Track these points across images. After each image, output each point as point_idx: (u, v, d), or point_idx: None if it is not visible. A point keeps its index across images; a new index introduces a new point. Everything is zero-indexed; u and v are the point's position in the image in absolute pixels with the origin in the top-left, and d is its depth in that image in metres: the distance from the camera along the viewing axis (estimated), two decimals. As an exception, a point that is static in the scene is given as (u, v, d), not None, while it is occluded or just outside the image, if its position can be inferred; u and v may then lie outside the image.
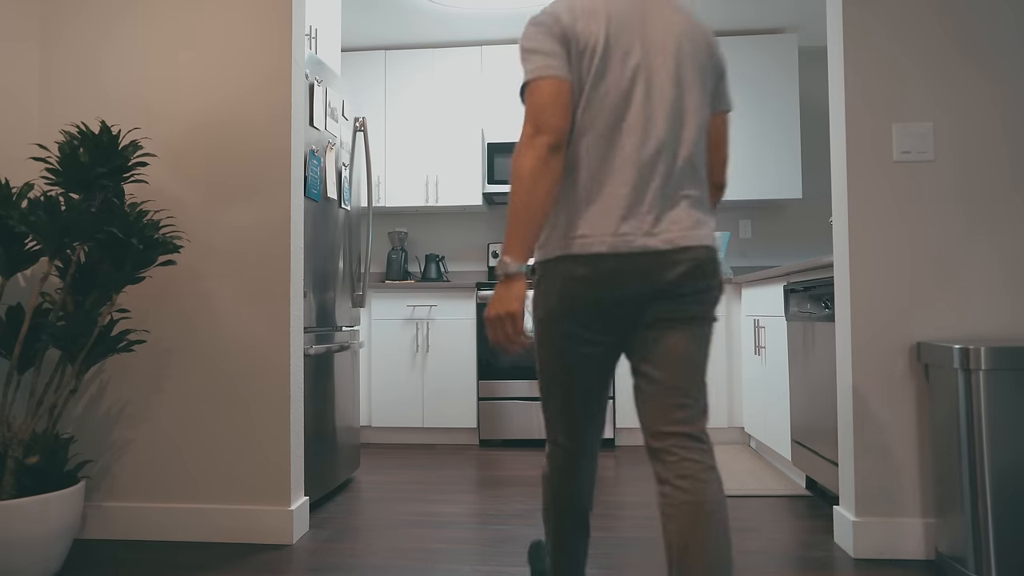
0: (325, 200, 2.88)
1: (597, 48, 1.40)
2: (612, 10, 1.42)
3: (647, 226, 1.39)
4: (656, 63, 1.42)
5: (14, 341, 2.11)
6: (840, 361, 2.32)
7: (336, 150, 3.00)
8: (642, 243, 1.38)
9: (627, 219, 1.39)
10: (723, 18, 4.40)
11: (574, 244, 1.40)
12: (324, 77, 2.85)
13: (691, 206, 1.44)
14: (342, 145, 3.08)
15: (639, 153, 1.40)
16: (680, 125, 1.43)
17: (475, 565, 2.15)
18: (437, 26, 4.45)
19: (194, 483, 2.41)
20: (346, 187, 3.14)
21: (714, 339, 4.02)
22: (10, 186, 2.08)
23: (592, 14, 1.41)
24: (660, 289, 1.39)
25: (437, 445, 4.19)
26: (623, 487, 3.11)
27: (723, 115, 1.59)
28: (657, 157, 1.40)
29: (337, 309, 3.04)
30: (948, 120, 2.24)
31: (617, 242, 1.38)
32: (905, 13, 2.26)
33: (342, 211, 3.10)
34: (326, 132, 2.87)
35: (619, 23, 1.42)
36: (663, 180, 1.41)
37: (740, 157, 4.46)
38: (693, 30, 1.48)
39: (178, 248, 2.24)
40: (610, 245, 1.38)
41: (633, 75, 1.40)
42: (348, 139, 3.18)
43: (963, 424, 1.92)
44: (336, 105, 2.99)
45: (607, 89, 1.40)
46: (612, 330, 1.44)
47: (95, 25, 2.51)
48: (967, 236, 2.21)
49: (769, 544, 2.33)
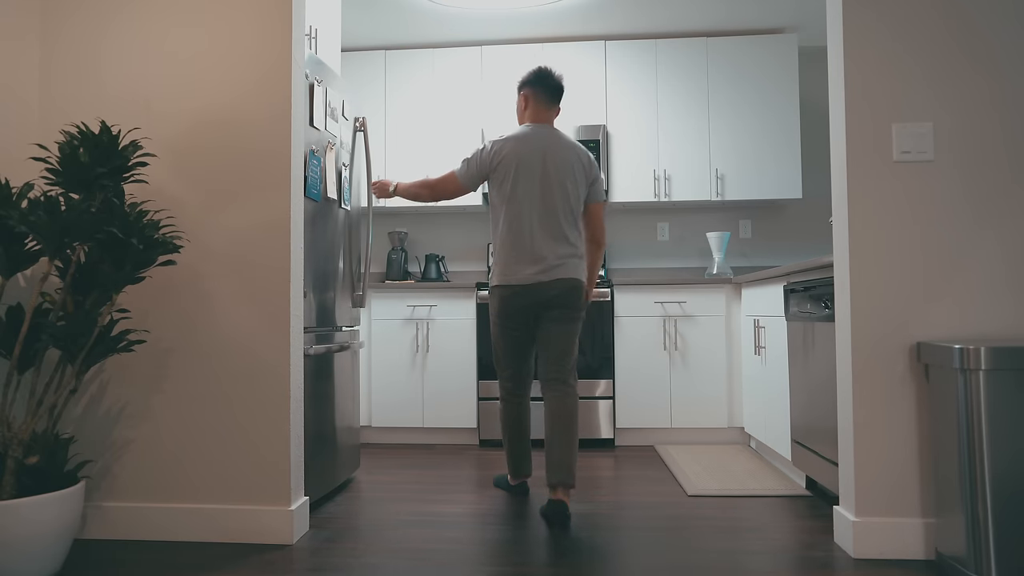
0: (325, 200, 2.88)
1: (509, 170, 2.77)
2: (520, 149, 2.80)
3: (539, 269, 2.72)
4: (538, 179, 2.74)
5: (14, 341, 2.11)
6: (840, 361, 2.32)
7: (336, 150, 3.00)
8: (536, 279, 2.72)
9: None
10: (723, 18, 4.40)
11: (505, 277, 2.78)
12: (324, 77, 2.85)
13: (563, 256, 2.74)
14: (342, 145, 3.08)
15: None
16: (552, 211, 2.74)
17: (475, 565, 2.15)
18: (437, 26, 4.45)
19: (194, 483, 2.41)
20: (346, 187, 3.14)
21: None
22: (10, 186, 2.08)
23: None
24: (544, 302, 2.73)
25: (437, 445, 4.19)
26: (623, 487, 3.11)
27: (597, 205, 2.86)
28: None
29: (337, 309, 3.04)
30: (948, 120, 2.24)
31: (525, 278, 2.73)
32: (905, 13, 2.26)
33: (342, 211, 3.10)
34: (326, 132, 2.87)
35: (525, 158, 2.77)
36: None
37: (740, 157, 4.47)
38: (573, 157, 2.79)
39: (178, 248, 2.24)
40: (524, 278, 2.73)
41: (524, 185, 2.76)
42: (348, 139, 3.18)
43: (963, 424, 1.92)
44: (336, 105, 2.99)
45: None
46: (524, 323, 2.80)
47: (95, 21, 2.51)
48: (967, 236, 2.21)
49: (769, 544, 2.33)
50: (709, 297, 4.09)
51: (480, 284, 4.14)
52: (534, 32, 4.54)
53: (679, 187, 4.48)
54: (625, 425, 4.08)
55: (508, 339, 2.81)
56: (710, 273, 4.49)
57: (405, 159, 4.61)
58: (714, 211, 4.82)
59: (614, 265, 4.85)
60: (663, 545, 2.32)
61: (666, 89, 4.53)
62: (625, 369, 4.09)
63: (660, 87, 4.53)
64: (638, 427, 4.10)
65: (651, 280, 4.09)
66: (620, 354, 4.10)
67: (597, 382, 4.08)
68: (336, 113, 2.99)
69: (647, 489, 3.07)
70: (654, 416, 4.08)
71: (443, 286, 4.18)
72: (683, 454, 3.75)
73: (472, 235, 4.92)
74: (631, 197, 4.49)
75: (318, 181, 2.77)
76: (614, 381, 4.08)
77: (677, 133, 4.50)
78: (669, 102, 4.52)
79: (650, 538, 2.39)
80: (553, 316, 2.72)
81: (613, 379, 4.08)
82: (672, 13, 4.32)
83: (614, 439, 4.11)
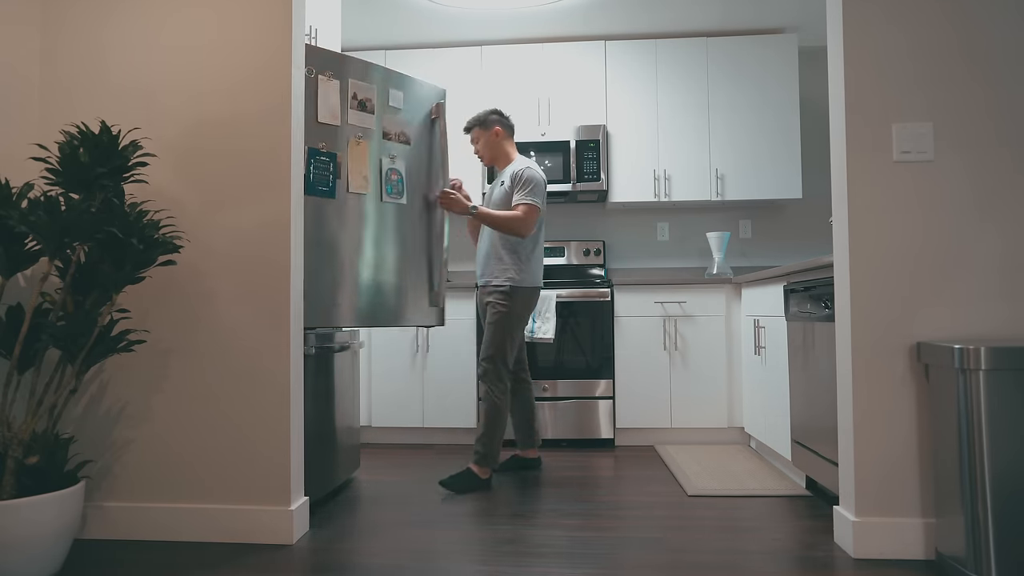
0: (346, 195, 2.84)
1: None
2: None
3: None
4: None
5: (14, 341, 2.11)
6: (840, 361, 2.32)
7: (373, 142, 2.94)
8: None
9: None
10: (723, 18, 4.40)
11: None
12: (345, 70, 2.82)
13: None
14: (391, 135, 3.04)
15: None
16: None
17: (475, 565, 2.15)
18: (437, 26, 4.45)
19: (194, 483, 2.41)
20: (397, 180, 3.09)
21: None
22: (10, 186, 2.08)
23: None
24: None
25: (437, 445, 4.19)
26: (623, 487, 3.11)
27: None
28: None
29: (339, 308, 3.03)
30: (948, 120, 2.24)
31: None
32: (905, 13, 2.26)
33: (391, 204, 3.02)
34: (346, 126, 2.83)
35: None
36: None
37: (740, 157, 4.47)
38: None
39: (178, 248, 2.24)
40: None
41: None
42: (408, 128, 3.14)
43: (963, 424, 1.92)
44: (368, 96, 2.93)
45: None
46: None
47: (96, 12, 2.51)
48: (967, 236, 2.21)
49: (769, 544, 2.33)
50: (709, 297, 4.09)
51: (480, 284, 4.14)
52: (534, 32, 4.54)
53: (679, 187, 4.48)
54: (625, 425, 4.07)
55: (519, 333, 3.26)
56: (710, 273, 4.49)
57: (405, 159, 4.61)
58: (714, 211, 4.82)
59: (614, 265, 4.85)
60: (663, 545, 2.32)
61: (666, 89, 4.53)
62: (625, 369, 4.09)
63: (660, 87, 4.53)
64: (638, 427, 4.10)
65: (651, 280, 4.09)
66: (620, 354, 4.10)
67: (597, 382, 4.08)
68: (370, 104, 2.90)
69: (647, 489, 3.07)
70: (654, 416, 4.08)
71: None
72: (683, 454, 3.75)
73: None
74: (631, 197, 4.49)
75: (328, 178, 2.74)
76: (614, 381, 4.08)
77: (677, 133, 4.50)
78: (669, 102, 4.52)
79: (650, 538, 2.39)
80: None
81: (613, 379, 4.08)
82: (672, 13, 4.32)
83: (614, 439, 4.11)
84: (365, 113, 2.89)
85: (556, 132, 4.45)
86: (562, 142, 4.43)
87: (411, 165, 3.09)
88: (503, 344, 3.17)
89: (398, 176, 3.07)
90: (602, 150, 4.42)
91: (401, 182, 3.08)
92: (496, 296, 3.20)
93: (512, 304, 3.18)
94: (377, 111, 2.95)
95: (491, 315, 3.20)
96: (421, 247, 3.13)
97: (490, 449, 3.13)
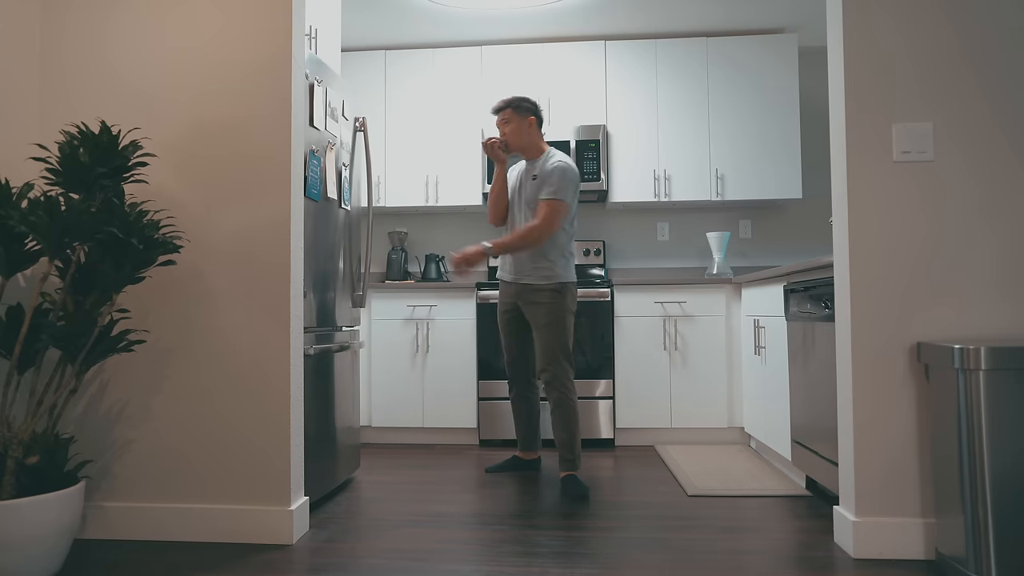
0: (325, 200, 2.88)
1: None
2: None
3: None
4: None
5: (14, 341, 2.11)
6: (840, 361, 2.32)
7: (336, 150, 3.00)
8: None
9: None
10: (723, 18, 4.40)
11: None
12: (324, 77, 2.85)
13: None
14: (342, 145, 3.08)
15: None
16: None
17: (475, 565, 2.15)
18: (437, 26, 4.45)
19: (194, 483, 2.41)
20: (346, 187, 3.14)
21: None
22: (10, 186, 2.08)
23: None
24: None
25: (437, 445, 4.19)
26: (623, 487, 3.11)
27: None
28: None
29: (337, 309, 3.04)
30: (948, 120, 2.24)
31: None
32: (905, 13, 2.26)
33: (342, 211, 3.10)
34: (326, 132, 2.87)
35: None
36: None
37: (740, 157, 4.47)
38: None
39: (178, 248, 2.24)
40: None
41: None
42: (348, 139, 3.18)
43: (963, 424, 1.92)
44: (336, 105, 2.99)
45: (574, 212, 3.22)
46: None
47: (96, 11, 2.51)
48: (967, 236, 2.21)
49: (769, 544, 2.33)
50: (709, 297, 4.09)
51: (480, 284, 4.14)
52: (534, 32, 4.54)
53: (679, 187, 4.48)
54: (625, 425, 4.07)
55: (572, 327, 3.21)
56: (710, 273, 4.49)
57: (405, 159, 4.61)
58: (714, 211, 4.82)
59: (614, 265, 4.85)
60: (663, 545, 2.32)
61: (666, 89, 4.53)
62: (625, 369, 4.09)
63: (660, 87, 4.53)
64: (638, 427, 4.10)
65: (651, 280, 4.09)
66: (620, 354, 4.10)
67: (597, 382, 4.08)
68: (336, 113, 2.99)
69: (647, 489, 3.07)
70: (654, 416, 4.08)
71: (443, 286, 4.18)
72: (683, 454, 3.75)
73: (472, 235, 4.92)
74: (631, 197, 4.49)
75: (318, 181, 2.77)
76: (614, 381, 4.08)
77: (677, 133, 4.50)
78: (669, 102, 4.52)
79: (650, 538, 2.39)
80: None
81: (613, 379, 4.08)
82: (672, 13, 4.32)
83: (614, 439, 4.11)
84: (333, 120, 2.97)
85: (556, 132, 4.45)
86: (562, 142, 4.43)
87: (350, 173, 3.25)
88: (565, 343, 3.12)
89: (347, 184, 3.17)
90: (602, 150, 4.42)
91: (349, 189, 3.19)
92: (547, 296, 3.13)
93: (566, 301, 3.14)
94: (339, 120, 3.06)
95: (545, 317, 3.11)
96: (355, 251, 3.28)
97: (578, 451, 3.12)
